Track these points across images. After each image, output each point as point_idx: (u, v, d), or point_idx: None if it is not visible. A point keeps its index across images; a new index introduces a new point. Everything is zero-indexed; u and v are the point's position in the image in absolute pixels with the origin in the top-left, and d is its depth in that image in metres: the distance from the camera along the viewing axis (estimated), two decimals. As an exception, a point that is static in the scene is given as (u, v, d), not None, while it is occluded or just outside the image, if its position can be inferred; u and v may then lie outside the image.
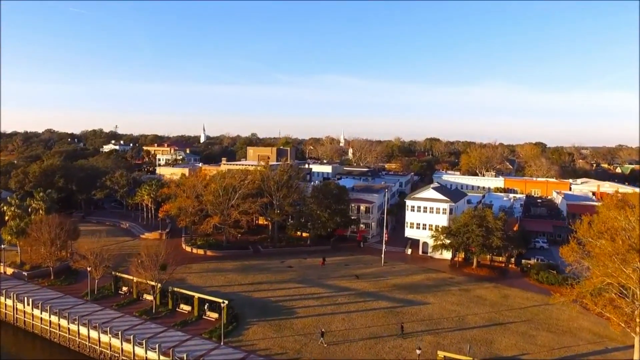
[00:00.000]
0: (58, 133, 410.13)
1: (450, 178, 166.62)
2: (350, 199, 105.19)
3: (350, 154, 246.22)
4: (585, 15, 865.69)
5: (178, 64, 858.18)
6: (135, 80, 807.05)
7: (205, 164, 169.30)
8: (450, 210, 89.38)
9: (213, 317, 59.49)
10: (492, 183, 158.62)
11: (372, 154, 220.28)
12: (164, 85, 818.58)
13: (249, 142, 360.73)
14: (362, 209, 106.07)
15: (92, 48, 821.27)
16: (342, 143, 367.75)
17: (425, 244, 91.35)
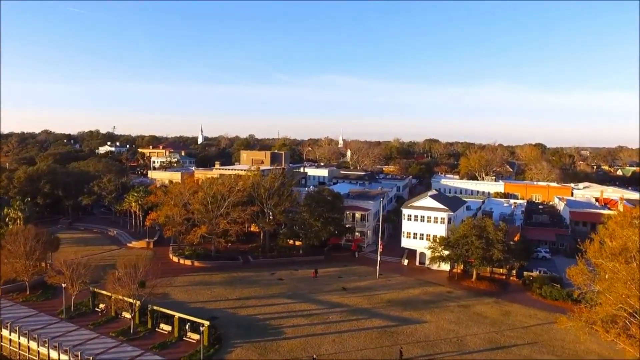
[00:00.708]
0: (54, 134, 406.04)
1: (449, 182, 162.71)
2: (345, 206, 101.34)
3: (349, 156, 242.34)
4: (585, 15, 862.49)
5: (178, 64, 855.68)
6: (135, 81, 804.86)
7: (200, 168, 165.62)
8: (449, 220, 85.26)
9: (194, 338, 55.56)
10: (491, 188, 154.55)
11: (369, 157, 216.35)
12: (164, 86, 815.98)
13: (247, 143, 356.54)
14: (357, 217, 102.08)
15: (91, 48, 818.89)
16: (340, 144, 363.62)
17: (423, 255, 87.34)
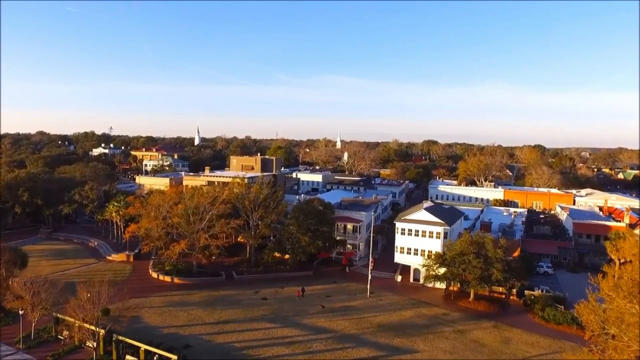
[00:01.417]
0: (49, 135, 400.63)
1: (447, 189, 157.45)
2: (336, 217, 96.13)
3: (345, 159, 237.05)
4: (585, 15, 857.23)
5: (177, 64, 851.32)
6: (134, 81, 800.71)
7: (191, 173, 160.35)
8: (445, 235, 79.96)
9: (162, 373, 50.49)
10: (491, 194, 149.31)
11: (365, 161, 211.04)
12: (163, 86, 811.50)
13: (243, 145, 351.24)
14: (349, 228, 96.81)
15: (91, 48, 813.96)
16: (338, 145, 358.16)
17: (417, 271, 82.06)
